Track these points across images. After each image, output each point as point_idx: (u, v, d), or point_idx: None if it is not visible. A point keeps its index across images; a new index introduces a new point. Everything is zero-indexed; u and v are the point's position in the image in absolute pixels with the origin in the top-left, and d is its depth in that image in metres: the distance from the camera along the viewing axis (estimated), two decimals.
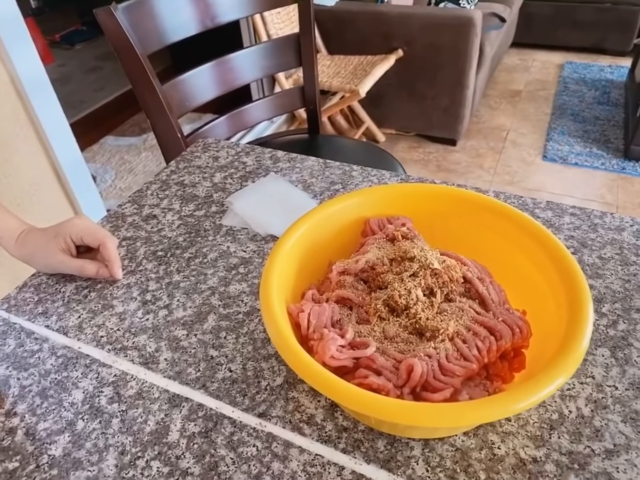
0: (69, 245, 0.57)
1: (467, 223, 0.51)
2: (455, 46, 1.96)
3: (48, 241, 0.57)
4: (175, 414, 0.45)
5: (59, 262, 0.57)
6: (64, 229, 0.57)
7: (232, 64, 1.06)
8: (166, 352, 0.50)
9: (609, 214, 0.63)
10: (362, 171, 0.75)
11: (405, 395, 0.37)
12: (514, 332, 0.40)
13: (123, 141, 2.43)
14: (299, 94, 1.19)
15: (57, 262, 0.57)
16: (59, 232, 0.57)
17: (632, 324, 0.50)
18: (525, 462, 0.40)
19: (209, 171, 0.77)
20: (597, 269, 0.56)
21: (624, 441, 0.41)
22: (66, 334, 0.52)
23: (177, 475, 0.40)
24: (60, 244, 0.56)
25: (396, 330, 0.41)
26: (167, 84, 0.94)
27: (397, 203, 0.53)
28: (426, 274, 0.43)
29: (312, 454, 0.41)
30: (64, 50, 3.34)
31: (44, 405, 0.46)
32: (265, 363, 0.48)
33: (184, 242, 0.64)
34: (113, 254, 0.56)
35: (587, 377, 0.45)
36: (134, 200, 0.72)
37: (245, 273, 0.58)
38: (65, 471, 0.41)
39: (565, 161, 2.12)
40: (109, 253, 0.56)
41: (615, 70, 2.79)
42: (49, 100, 1.29)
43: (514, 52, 3.09)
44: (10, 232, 0.58)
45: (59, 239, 0.56)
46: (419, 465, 0.40)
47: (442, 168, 2.16)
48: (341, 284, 0.46)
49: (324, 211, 0.51)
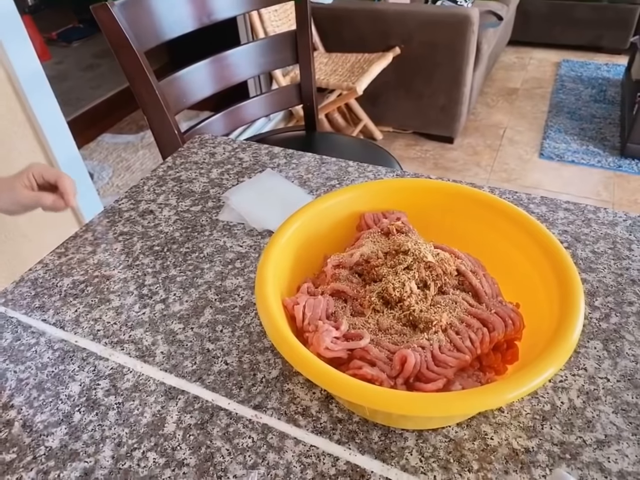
0: (32, 182, 0.64)
1: (462, 217, 0.52)
2: (453, 44, 1.97)
3: (13, 181, 0.64)
4: (172, 406, 0.45)
5: (23, 197, 0.63)
6: (27, 169, 0.64)
7: (228, 60, 1.06)
8: (162, 345, 0.50)
9: (602, 209, 0.64)
10: (358, 167, 0.75)
11: (398, 385, 0.37)
12: (507, 324, 0.41)
13: (120, 139, 2.42)
14: (296, 91, 1.20)
15: (22, 197, 0.63)
16: (22, 171, 0.64)
17: (624, 317, 0.50)
18: (518, 453, 0.40)
19: (206, 167, 0.77)
20: (590, 263, 0.57)
21: (615, 432, 0.41)
22: (63, 327, 0.53)
23: (173, 466, 0.41)
24: (24, 181, 0.63)
25: (390, 322, 0.42)
26: (164, 81, 0.94)
27: (392, 198, 0.54)
28: (420, 267, 0.43)
29: (307, 445, 0.41)
30: (61, 47, 3.33)
31: (41, 398, 0.46)
32: (261, 356, 0.49)
33: (181, 237, 0.64)
34: (68, 185, 0.63)
35: (579, 369, 0.46)
36: (130, 195, 0.72)
37: (242, 268, 0.59)
38: (62, 462, 0.41)
39: (562, 159, 2.13)
40: (64, 184, 0.63)
41: (612, 68, 2.80)
42: (46, 97, 1.29)
43: (511, 50, 3.10)
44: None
45: (22, 176, 0.64)
46: (412, 456, 0.40)
47: (439, 166, 2.17)
48: (336, 277, 0.47)
49: (319, 205, 0.52)
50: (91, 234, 0.65)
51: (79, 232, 0.66)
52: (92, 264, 0.61)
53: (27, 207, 0.65)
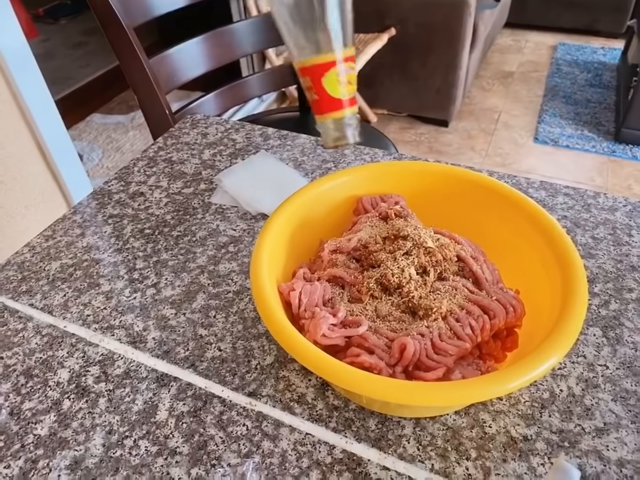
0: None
1: (462, 201, 0.51)
2: (449, 25, 1.94)
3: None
4: (164, 393, 0.44)
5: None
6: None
7: (221, 38, 1.03)
8: (154, 331, 0.49)
9: (602, 194, 0.63)
10: (354, 149, 0.73)
11: (397, 374, 0.37)
12: (508, 311, 0.40)
13: (110, 119, 2.38)
14: (290, 71, 1.17)
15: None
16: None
17: (624, 303, 0.50)
18: (516, 440, 0.40)
19: (198, 148, 0.75)
20: (590, 249, 0.56)
21: (614, 420, 0.41)
22: (51, 312, 0.51)
23: (166, 454, 0.40)
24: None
25: (389, 309, 0.41)
26: (155, 58, 0.92)
27: (390, 181, 0.52)
28: (419, 253, 0.42)
29: (302, 433, 0.41)
30: (48, 24, 3.25)
31: (29, 385, 0.45)
32: (256, 342, 0.48)
33: (172, 220, 0.62)
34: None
35: (578, 357, 0.45)
36: (120, 177, 0.70)
37: (235, 252, 0.57)
38: (52, 450, 0.40)
39: (557, 144, 2.12)
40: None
41: (608, 52, 2.78)
42: (33, 76, 1.25)
43: (507, 33, 3.06)
44: None
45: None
46: (410, 444, 0.40)
47: (433, 149, 2.15)
48: (333, 263, 0.45)
49: (315, 189, 0.50)
50: (80, 217, 0.63)
51: (67, 214, 0.64)
52: (81, 247, 0.59)
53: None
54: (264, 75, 1.17)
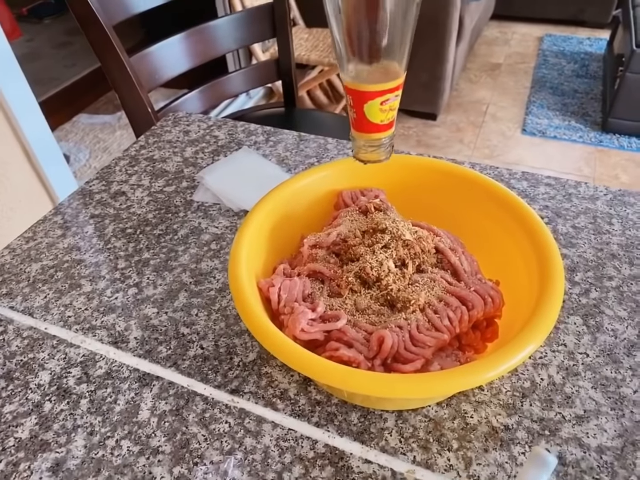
0: None
1: (442, 194, 0.51)
2: (435, 18, 1.93)
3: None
4: (146, 392, 0.44)
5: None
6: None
7: (204, 34, 1.02)
8: (136, 330, 0.49)
9: (584, 184, 0.63)
10: (337, 144, 0.73)
11: (376, 367, 0.37)
12: (486, 302, 0.40)
13: (97, 119, 2.36)
14: (275, 66, 1.16)
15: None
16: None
17: (604, 292, 0.50)
18: (497, 430, 0.40)
19: (180, 146, 0.75)
20: (571, 238, 0.56)
21: (593, 407, 0.41)
22: (32, 314, 0.51)
23: (148, 454, 0.39)
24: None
25: (368, 303, 0.41)
26: (135, 56, 0.91)
27: (370, 175, 0.52)
28: (398, 245, 0.42)
29: (285, 428, 0.41)
30: (32, 24, 3.21)
31: (10, 388, 0.44)
32: (238, 339, 0.48)
33: (154, 218, 0.62)
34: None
35: (559, 345, 0.46)
36: (101, 176, 0.69)
37: (217, 249, 0.57)
38: (33, 453, 0.40)
39: (544, 135, 2.13)
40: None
41: (594, 42, 2.78)
42: (16, 76, 1.24)
43: (494, 25, 3.06)
44: None
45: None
46: (392, 437, 0.40)
47: (422, 143, 2.15)
48: (313, 258, 0.45)
49: (295, 184, 0.50)
50: (60, 217, 0.63)
51: (48, 215, 0.63)
52: (62, 248, 0.58)
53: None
54: (248, 71, 1.16)
